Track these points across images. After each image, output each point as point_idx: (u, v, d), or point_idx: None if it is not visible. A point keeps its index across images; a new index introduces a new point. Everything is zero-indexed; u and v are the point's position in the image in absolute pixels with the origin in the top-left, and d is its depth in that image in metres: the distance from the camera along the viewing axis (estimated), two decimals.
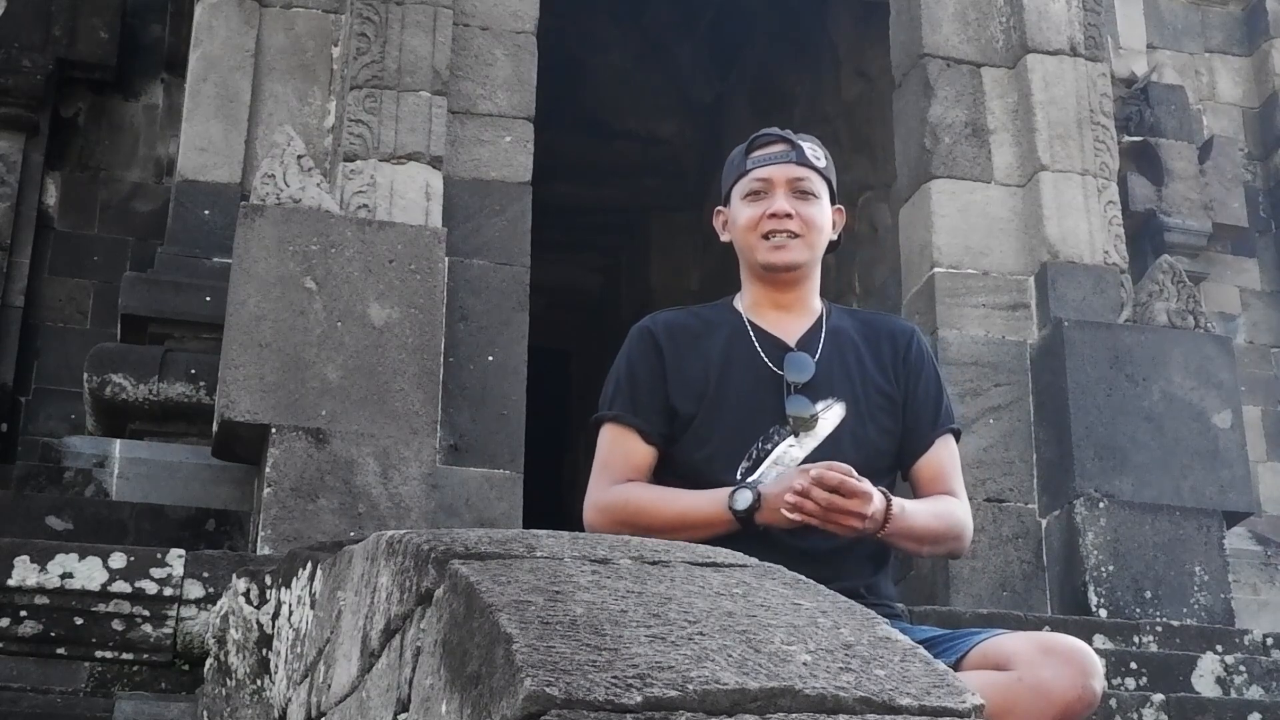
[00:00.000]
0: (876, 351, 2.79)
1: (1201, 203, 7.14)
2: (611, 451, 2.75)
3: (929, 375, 2.82)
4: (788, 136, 2.82)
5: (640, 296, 10.95)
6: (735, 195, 2.82)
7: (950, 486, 2.77)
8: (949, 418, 2.82)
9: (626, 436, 2.73)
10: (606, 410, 2.77)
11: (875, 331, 2.83)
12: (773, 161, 2.78)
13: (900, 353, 2.80)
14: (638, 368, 2.76)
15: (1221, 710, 4.39)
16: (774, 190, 2.76)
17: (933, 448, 2.78)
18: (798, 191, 2.76)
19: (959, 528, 2.73)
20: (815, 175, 2.78)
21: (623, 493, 2.69)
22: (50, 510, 4.73)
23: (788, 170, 2.76)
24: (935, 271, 5.91)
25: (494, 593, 1.56)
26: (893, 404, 2.76)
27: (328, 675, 2.51)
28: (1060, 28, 6.24)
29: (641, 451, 2.72)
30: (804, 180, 2.77)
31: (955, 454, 2.82)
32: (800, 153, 2.78)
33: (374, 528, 4.48)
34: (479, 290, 5.45)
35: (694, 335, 2.79)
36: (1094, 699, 2.29)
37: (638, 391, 2.74)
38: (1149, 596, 5.33)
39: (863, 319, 2.90)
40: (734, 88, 10.24)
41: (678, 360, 2.75)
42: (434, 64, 5.57)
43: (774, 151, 2.79)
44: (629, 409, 2.74)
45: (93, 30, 6.93)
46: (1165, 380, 5.63)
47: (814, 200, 2.77)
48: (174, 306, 5.39)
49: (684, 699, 1.36)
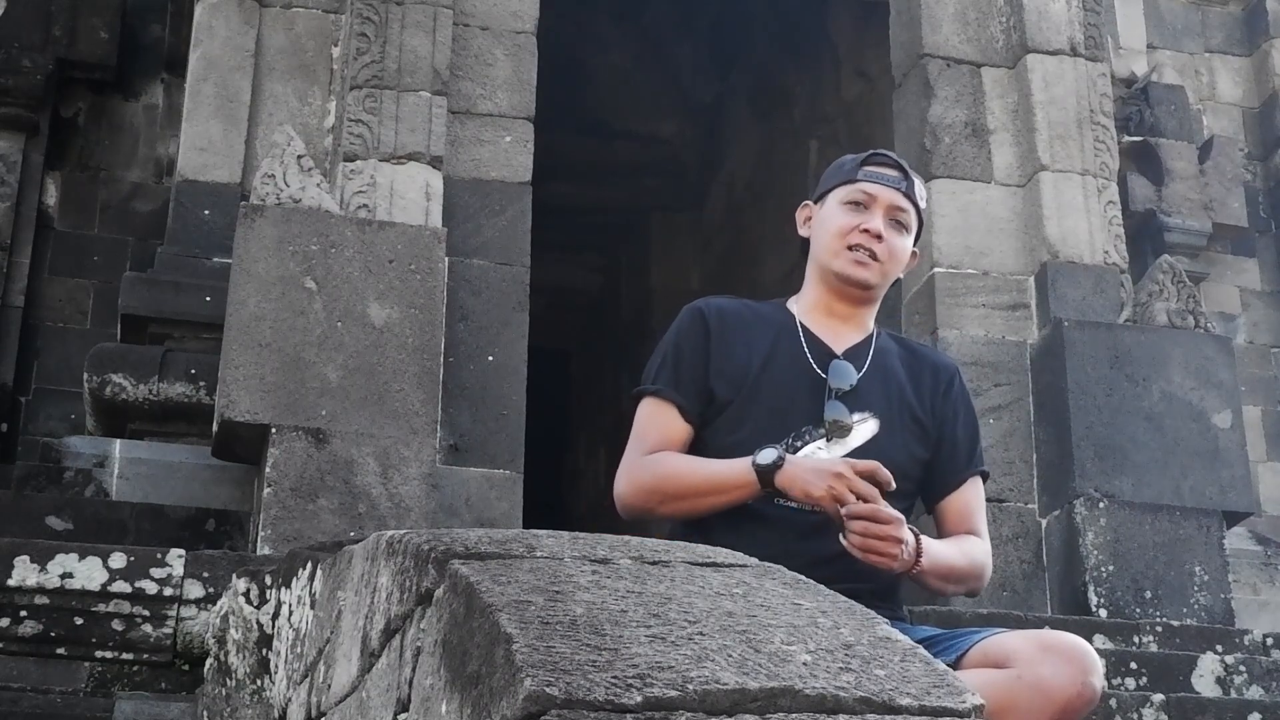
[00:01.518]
0: (917, 380, 2.82)
1: (1201, 203, 7.14)
2: (649, 424, 2.77)
3: (966, 415, 2.86)
4: (903, 165, 2.87)
5: (640, 296, 10.95)
6: (833, 198, 2.84)
7: (974, 526, 2.81)
8: (980, 460, 2.87)
9: (665, 411, 2.75)
10: (649, 384, 2.79)
11: (919, 361, 2.87)
12: (883, 182, 2.81)
13: (941, 388, 2.84)
14: (684, 346, 2.79)
15: (1221, 710, 4.39)
16: (874, 208, 2.79)
17: (962, 487, 2.81)
18: (895, 220, 2.80)
19: (980, 568, 2.76)
20: (914, 212, 2.83)
21: (653, 460, 2.72)
22: (50, 510, 4.73)
23: (894, 196, 2.80)
24: (935, 271, 5.91)
25: (494, 593, 1.56)
26: (925, 432, 2.79)
27: (328, 675, 2.51)
28: (1060, 28, 6.24)
29: (678, 427, 2.74)
30: (904, 212, 2.81)
31: (982, 495, 2.86)
32: (910, 185, 2.83)
33: (374, 528, 4.48)
34: (479, 290, 5.45)
35: (744, 324, 2.81)
36: (1094, 696, 2.30)
37: (681, 369, 2.77)
38: (1149, 596, 5.33)
39: (909, 348, 2.94)
40: (734, 88, 10.24)
41: (724, 345, 2.77)
42: (434, 64, 5.57)
43: (887, 174, 2.83)
44: (671, 384, 2.76)
45: (93, 30, 6.93)
46: (1165, 380, 5.63)
47: (905, 234, 2.82)
48: (174, 306, 5.39)
49: (684, 699, 1.36)
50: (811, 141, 8.99)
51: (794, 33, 9.12)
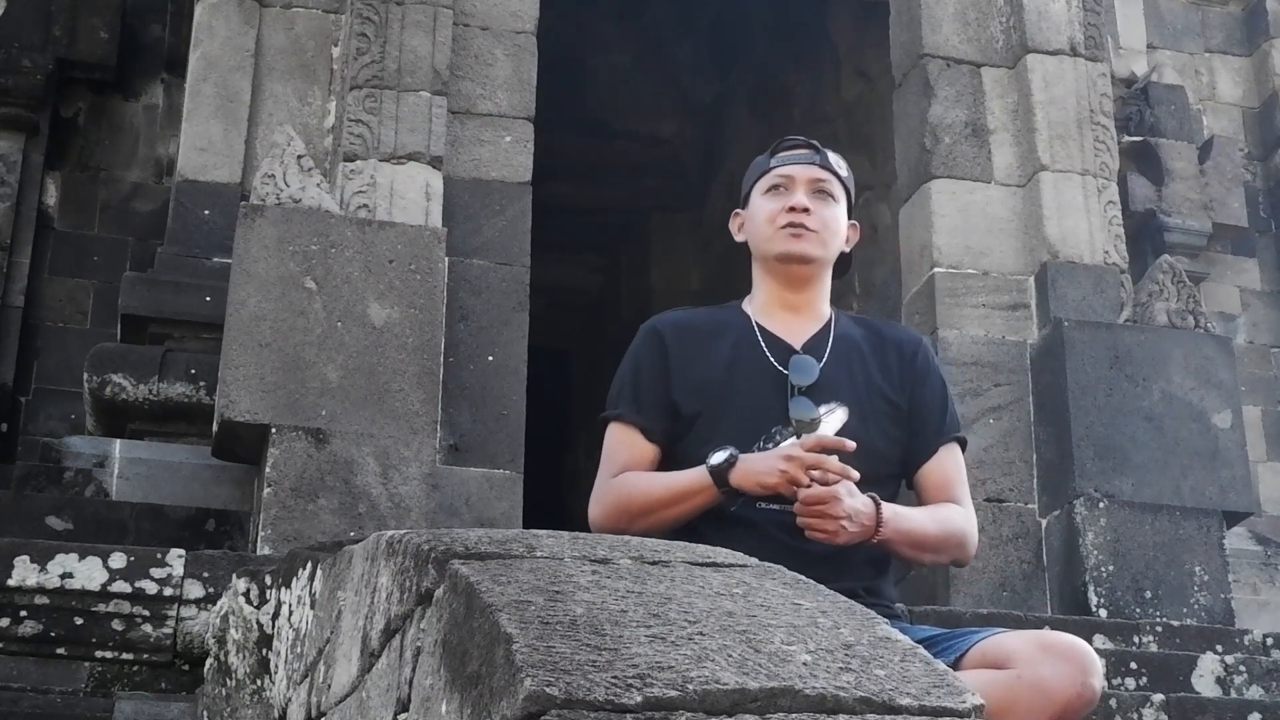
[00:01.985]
0: (883, 359, 2.82)
1: (1201, 203, 7.14)
2: (615, 449, 2.79)
3: (935, 384, 2.84)
4: (813, 143, 2.90)
5: (640, 296, 10.95)
6: (755, 194, 2.87)
7: (955, 494, 2.79)
8: (954, 426, 2.85)
9: (630, 435, 2.77)
10: (612, 409, 2.81)
11: (882, 339, 2.86)
12: (796, 161, 2.84)
13: (906, 361, 2.83)
14: (643, 367, 2.80)
15: (1221, 710, 4.39)
16: (795, 187, 2.82)
17: (937, 455, 2.80)
18: (818, 191, 2.82)
19: (960, 534, 2.74)
20: (836, 181, 2.85)
21: (617, 482, 2.74)
22: (50, 510, 4.73)
23: (810, 170, 2.83)
24: (935, 271, 5.91)
25: (494, 593, 1.56)
26: (897, 411, 2.78)
27: (328, 675, 2.51)
28: (1060, 28, 6.24)
29: (644, 449, 2.76)
30: (825, 182, 2.83)
31: (960, 462, 2.84)
32: (823, 157, 2.85)
33: (374, 528, 4.48)
34: (479, 290, 5.45)
35: (701, 335, 2.82)
36: (1093, 697, 2.30)
37: (641, 390, 2.78)
38: (1149, 596, 5.33)
39: (871, 327, 2.93)
40: (734, 88, 10.23)
41: (683, 359, 2.77)
42: (434, 64, 5.57)
43: (798, 153, 2.86)
44: (632, 408, 2.78)
45: (93, 30, 6.93)
46: (1165, 380, 5.63)
47: (832, 203, 2.83)
48: (174, 306, 5.39)
49: (684, 699, 1.36)
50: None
51: (794, 33, 9.12)
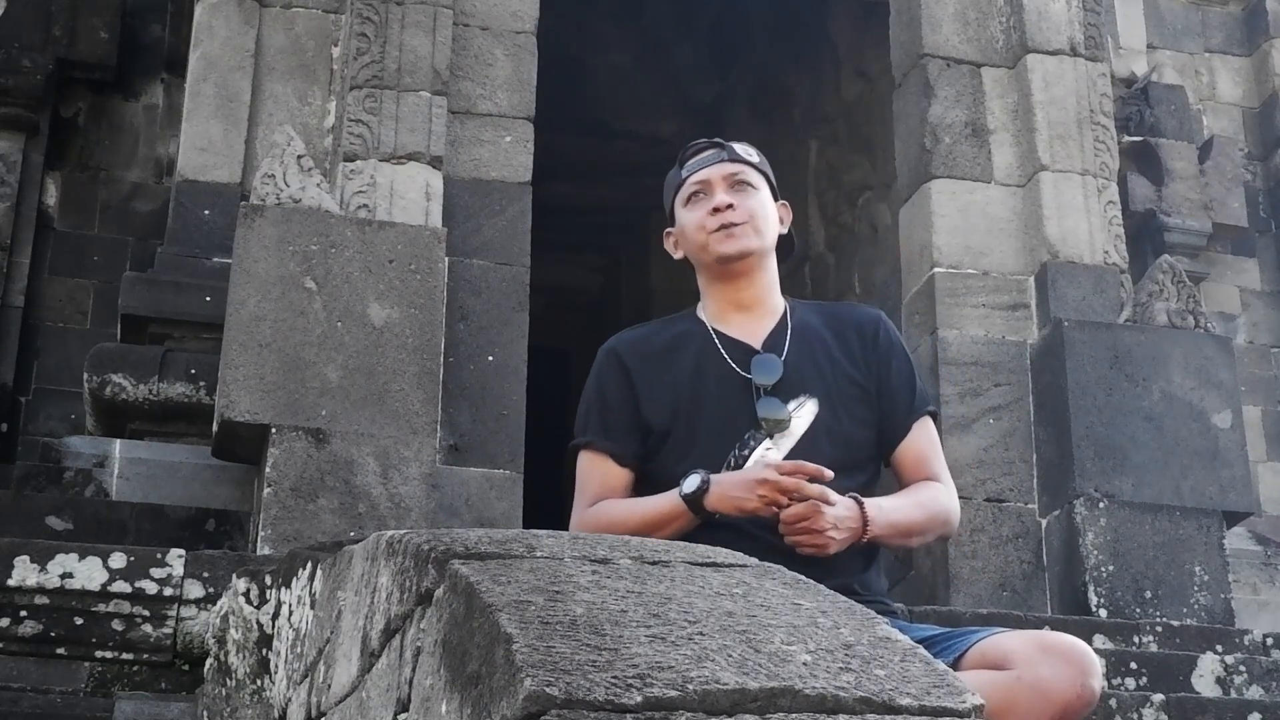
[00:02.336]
0: (845, 343, 2.81)
1: (1201, 203, 7.14)
2: (588, 477, 2.79)
3: (899, 361, 2.83)
4: (715, 141, 2.90)
5: (640, 296, 10.94)
6: (678, 206, 2.87)
7: (932, 470, 2.79)
8: (924, 401, 2.85)
9: (600, 461, 2.77)
10: (580, 437, 2.81)
11: (842, 323, 2.85)
12: (705, 164, 2.84)
13: (869, 341, 2.82)
14: (607, 390, 2.80)
15: (1221, 710, 4.39)
16: (712, 189, 2.81)
17: (911, 433, 2.80)
18: (735, 184, 2.81)
19: (945, 513, 2.75)
20: (749, 169, 2.84)
21: (593, 513, 2.73)
22: (50, 510, 4.73)
23: (721, 169, 2.83)
24: (935, 271, 5.90)
25: (494, 593, 1.56)
26: (866, 394, 2.78)
27: (328, 675, 2.51)
28: (1060, 28, 6.24)
29: (616, 474, 2.76)
30: (739, 174, 2.82)
31: (934, 436, 2.84)
32: (730, 151, 2.85)
33: (374, 528, 4.48)
34: (479, 290, 5.45)
35: (660, 350, 2.81)
36: (1093, 697, 2.30)
37: (608, 415, 2.78)
38: (1149, 596, 5.33)
39: (828, 311, 2.92)
40: (734, 88, 10.23)
41: (645, 378, 2.77)
42: (434, 64, 5.57)
43: (705, 155, 2.86)
44: (600, 434, 2.77)
45: (93, 30, 6.93)
46: (1165, 380, 5.63)
47: (753, 191, 2.83)
48: (174, 306, 5.39)
49: (684, 699, 1.36)
50: (811, 141, 8.98)
51: (794, 33, 9.12)
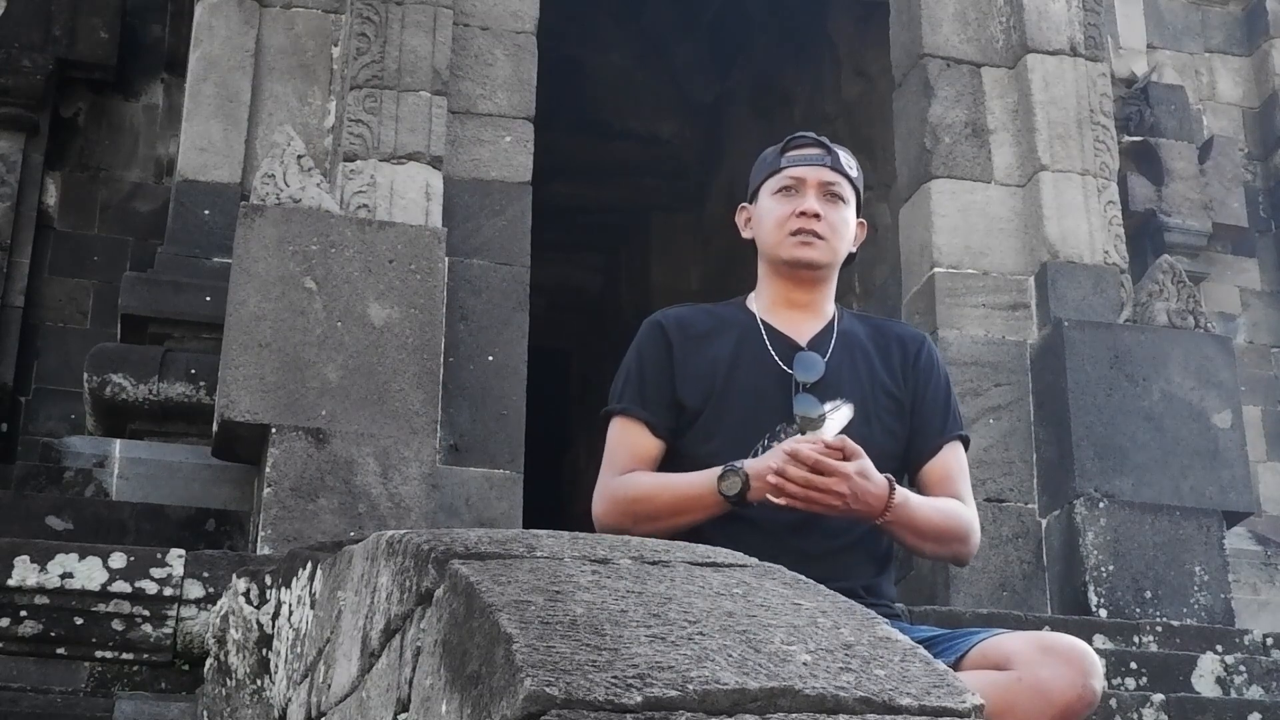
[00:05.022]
0: (886, 356, 2.81)
1: (1201, 203, 7.14)
2: (618, 444, 2.77)
3: (938, 382, 2.83)
4: (824, 141, 2.85)
5: (640, 296, 10.95)
6: (765, 192, 2.84)
7: (957, 491, 2.78)
8: (957, 424, 2.84)
9: (633, 429, 2.75)
10: (615, 403, 2.79)
11: (886, 337, 2.85)
12: (808, 163, 2.80)
13: (910, 359, 2.82)
14: (647, 361, 2.78)
15: (1221, 710, 4.39)
16: (805, 190, 2.78)
17: (940, 453, 2.79)
18: (828, 194, 2.78)
19: (964, 529, 2.73)
20: (846, 182, 2.81)
21: (624, 482, 2.72)
22: (50, 510, 4.73)
23: (821, 173, 2.79)
24: (935, 271, 5.91)
25: (494, 593, 1.56)
26: (900, 408, 2.77)
27: (328, 675, 2.51)
28: (1060, 28, 6.24)
29: (647, 444, 2.74)
30: (835, 185, 2.79)
31: (963, 461, 2.83)
32: (835, 158, 2.81)
33: (374, 528, 4.48)
34: (479, 290, 5.45)
35: (705, 331, 2.80)
36: (1093, 698, 2.30)
37: (646, 385, 2.76)
38: (1149, 596, 5.33)
39: (874, 324, 2.93)
40: (734, 88, 10.23)
41: (686, 355, 2.76)
42: (434, 64, 5.57)
43: (809, 153, 2.82)
44: (636, 402, 2.76)
45: (93, 30, 6.93)
46: (1165, 380, 5.63)
47: (843, 205, 2.80)
48: (174, 306, 5.39)
49: (684, 699, 1.36)
50: None
51: (794, 33, 9.12)
